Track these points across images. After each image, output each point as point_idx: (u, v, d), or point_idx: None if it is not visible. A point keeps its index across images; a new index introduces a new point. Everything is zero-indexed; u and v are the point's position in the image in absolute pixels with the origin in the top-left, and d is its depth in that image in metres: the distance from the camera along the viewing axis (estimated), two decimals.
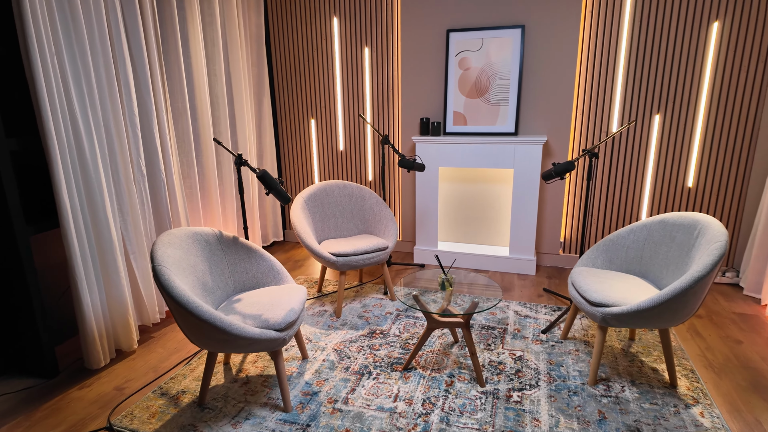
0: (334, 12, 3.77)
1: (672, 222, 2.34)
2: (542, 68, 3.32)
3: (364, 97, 3.87)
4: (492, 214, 3.72)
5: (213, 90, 3.25)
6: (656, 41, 3.12)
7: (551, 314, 2.85)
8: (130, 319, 2.51)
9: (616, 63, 3.23)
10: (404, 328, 2.71)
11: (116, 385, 2.26)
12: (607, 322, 2.06)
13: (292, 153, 4.26)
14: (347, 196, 3.27)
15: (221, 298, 2.23)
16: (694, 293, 1.89)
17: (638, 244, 2.45)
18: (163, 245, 1.94)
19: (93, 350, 2.34)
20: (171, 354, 2.54)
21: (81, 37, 2.19)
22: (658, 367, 2.30)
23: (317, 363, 2.38)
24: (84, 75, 2.23)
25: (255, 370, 2.33)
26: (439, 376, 2.24)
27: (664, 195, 3.34)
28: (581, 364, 2.33)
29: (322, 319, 2.85)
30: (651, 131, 3.26)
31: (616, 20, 3.16)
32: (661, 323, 2.01)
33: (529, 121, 3.45)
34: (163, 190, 2.71)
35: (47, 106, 2.03)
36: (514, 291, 3.22)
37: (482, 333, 2.64)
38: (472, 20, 3.41)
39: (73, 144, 2.19)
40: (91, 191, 2.28)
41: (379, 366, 2.34)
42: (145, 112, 2.59)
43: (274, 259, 2.42)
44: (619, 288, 2.18)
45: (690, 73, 3.10)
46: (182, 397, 2.14)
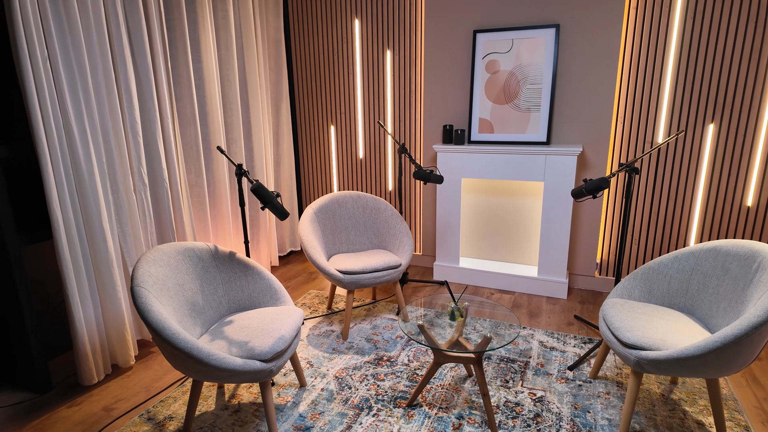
0: (355, 14, 3.59)
1: (726, 251, 2.00)
2: (579, 71, 3.02)
3: (385, 102, 3.68)
4: (519, 230, 3.42)
5: (226, 96, 3.14)
6: (711, 40, 2.76)
7: (581, 347, 2.55)
8: (127, 334, 2.41)
9: (664, 65, 2.88)
10: (414, 356, 2.48)
11: (105, 405, 2.15)
12: (643, 368, 1.77)
13: (310, 160, 4.11)
14: (361, 207, 3.07)
15: (213, 318, 2.09)
16: (750, 341, 1.57)
17: (684, 275, 2.13)
18: (146, 263, 1.81)
19: (86, 366, 2.25)
20: (167, 372, 2.42)
21: (77, 40, 2.10)
22: (704, 420, 1.97)
23: (315, 392, 2.19)
24: (80, 80, 2.14)
25: (249, 396, 2.17)
26: (446, 417, 2.00)
27: (718, 216, 2.95)
28: (612, 411, 2.03)
29: (328, 340, 2.67)
30: (704, 142, 2.89)
31: (664, 17, 2.82)
32: (709, 374, 1.70)
33: (562, 129, 3.14)
34: (167, 201, 2.61)
35: (38, 111, 1.95)
36: (541, 317, 2.93)
37: (501, 367, 2.38)
38: (501, 20, 3.15)
39: (66, 151, 2.11)
40: (86, 200, 2.19)
41: (381, 400, 2.12)
42: (148, 119, 2.49)
43: (273, 278, 2.25)
44: (659, 327, 1.87)
45: (752, 77, 2.72)
46: (168, 424, 2.00)
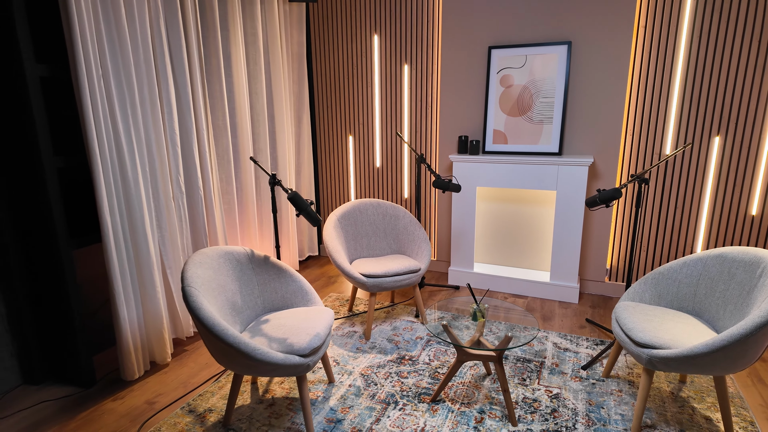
0: (375, 30, 3.77)
1: (732, 257, 2.14)
2: (590, 85, 3.17)
3: (402, 114, 3.84)
4: (532, 237, 3.56)
5: (254, 108, 3.31)
6: (717, 57, 2.90)
7: (593, 348, 2.68)
8: (164, 333, 2.56)
9: (671, 80, 3.03)
10: (434, 356, 2.62)
11: (147, 399, 2.30)
12: (654, 366, 1.90)
13: (329, 169, 4.27)
14: (381, 215, 3.23)
15: (250, 317, 2.24)
16: (755, 340, 1.70)
17: (692, 280, 2.26)
18: (194, 265, 1.97)
19: (128, 362, 2.40)
20: (202, 369, 2.57)
21: (127, 59, 2.28)
22: (712, 416, 2.09)
23: (343, 388, 2.33)
24: (128, 96, 2.31)
25: (281, 392, 2.31)
26: (468, 411, 2.14)
27: (724, 225, 3.08)
28: (624, 407, 2.16)
29: (351, 340, 2.81)
30: (710, 154, 3.03)
31: (672, 34, 2.97)
32: (717, 371, 1.83)
33: (574, 141, 3.29)
34: (201, 207, 2.77)
35: (93, 125, 2.12)
36: (554, 320, 3.06)
37: (517, 366, 2.51)
38: (515, 37, 3.31)
39: (116, 162, 2.27)
40: (131, 208, 2.35)
41: (406, 395, 2.26)
42: (185, 130, 2.66)
43: (304, 280, 2.40)
44: (670, 328, 2.00)
45: (756, 91, 2.86)
46: (209, 416, 2.14)
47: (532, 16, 3.23)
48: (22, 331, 2.37)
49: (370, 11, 3.75)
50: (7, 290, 2.30)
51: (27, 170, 2.15)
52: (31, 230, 2.25)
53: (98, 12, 2.14)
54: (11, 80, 2.04)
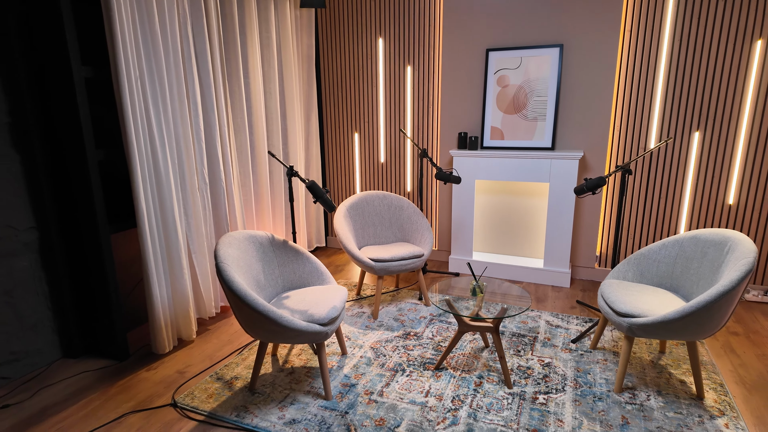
0: (379, 33, 4.02)
1: (704, 238, 2.39)
2: (580, 85, 3.42)
3: (405, 113, 4.09)
4: (527, 227, 3.81)
5: (268, 106, 3.55)
6: (696, 59, 3.16)
7: (582, 325, 2.92)
8: (190, 312, 2.80)
9: (655, 80, 3.28)
10: (437, 332, 2.87)
11: (178, 369, 2.54)
12: (634, 333, 2.14)
13: (336, 164, 4.52)
14: (386, 205, 3.47)
15: (271, 294, 2.48)
16: (719, 307, 1.95)
17: (670, 259, 2.51)
18: (224, 245, 2.21)
19: (159, 337, 2.64)
20: (224, 345, 2.81)
21: (159, 61, 2.52)
22: (686, 379, 2.34)
23: (355, 359, 2.57)
24: (160, 94, 2.55)
25: (299, 362, 2.56)
26: (468, 377, 2.38)
27: (704, 212, 3.33)
28: (608, 373, 2.41)
29: (360, 320, 3.05)
30: (690, 148, 3.29)
31: (655, 38, 3.23)
32: (688, 336, 2.07)
33: (566, 136, 3.54)
34: (223, 197, 3.01)
35: (131, 122, 2.36)
36: (548, 302, 3.31)
37: (513, 340, 2.76)
38: (511, 40, 3.56)
39: (150, 155, 2.52)
40: (162, 197, 2.59)
41: (412, 364, 2.50)
42: (209, 127, 2.90)
43: (319, 262, 2.64)
44: (648, 300, 2.25)
45: (731, 90, 3.12)
46: (235, 382, 2.38)
47: (526, 21, 3.48)
48: (63, 309, 2.61)
49: (375, 16, 4.00)
50: (50, 271, 2.54)
51: (72, 162, 2.39)
52: (74, 217, 2.49)
53: (136, 19, 2.38)
54: (61, 81, 2.29)
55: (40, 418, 2.14)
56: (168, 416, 2.15)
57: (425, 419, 2.06)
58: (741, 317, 3.04)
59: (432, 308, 3.22)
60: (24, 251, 2.41)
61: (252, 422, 2.07)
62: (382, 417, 2.08)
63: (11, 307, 2.37)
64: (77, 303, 2.65)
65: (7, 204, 2.32)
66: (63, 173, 2.45)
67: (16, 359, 2.42)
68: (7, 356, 2.38)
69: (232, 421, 2.09)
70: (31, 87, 2.34)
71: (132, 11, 2.36)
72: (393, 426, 2.02)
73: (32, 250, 2.45)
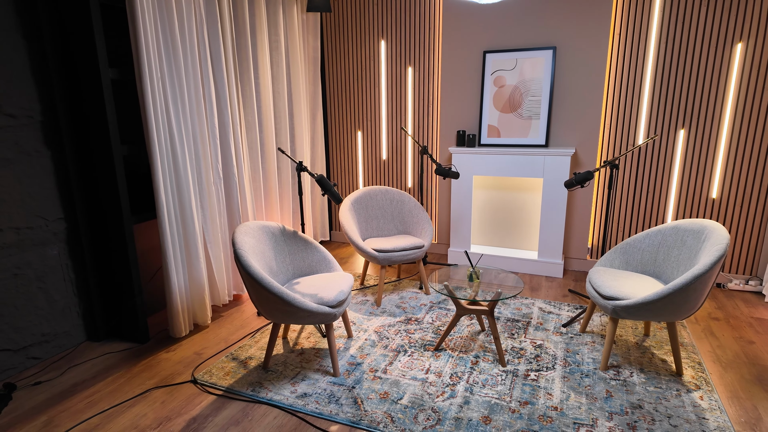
0: (382, 35, 4.20)
1: (684, 228, 2.58)
2: (572, 86, 3.61)
3: (406, 112, 4.27)
4: (522, 220, 4.00)
5: (277, 106, 3.74)
6: (681, 61, 3.35)
7: (573, 312, 3.11)
8: (205, 298, 2.99)
9: (642, 81, 3.47)
10: (436, 318, 3.06)
11: (195, 351, 2.73)
12: (618, 314, 2.33)
13: (340, 161, 4.71)
14: (389, 200, 3.66)
15: (283, 281, 2.67)
16: (694, 289, 2.14)
17: (653, 248, 2.70)
18: (241, 234, 2.40)
19: (177, 322, 2.82)
20: (237, 329, 2.99)
21: (179, 64, 2.71)
22: (667, 358, 2.53)
23: (360, 341, 2.76)
24: (179, 94, 2.74)
25: (308, 344, 2.74)
26: (465, 357, 2.57)
27: (689, 205, 3.52)
28: (595, 354, 2.60)
29: (365, 307, 3.24)
30: (676, 145, 3.48)
31: (642, 42, 3.41)
32: (667, 316, 2.26)
33: (559, 134, 3.73)
34: (236, 190, 3.20)
35: (153, 119, 2.54)
36: (541, 291, 3.50)
37: (507, 324, 2.95)
38: (507, 42, 3.75)
39: (169, 151, 2.70)
40: (181, 190, 2.78)
41: (413, 346, 2.69)
42: (223, 125, 3.09)
43: (326, 251, 2.83)
44: (631, 285, 2.44)
45: (714, 90, 3.31)
46: (249, 362, 2.57)
47: (521, 24, 3.67)
48: (88, 295, 2.79)
49: (377, 19, 4.18)
50: (77, 259, 2.72)
51: (99, 157, 2.57)
52: (99, 208, 2.68)
53: (158, 24, 2.57)
54: (90, 82, 2.47)
55: (71, 393, 2.33)
56: (189, 391, 2.34)
57: (426, 393, 2.25)
58: (722, 304, 3.23)
59: (432, 296, 3.41)
60: (54, 240, 2.60)
61: (267, 396, 2.26)
62: (386, 391, 2.27)
63: (44, 292, 2.56)
64: (101, 289, 2.84)
65: (38, 196, 2.51)
66: (89, 168, 2.64)
67: (46, 341, 2.61)
68: (39, 338, 2.57)
69: (248, 395, 2.28)
70: (62, 88, 2.53)
71: (154, 17, 2.55)
72: (396, 399, 2.21)
73: (61, 240, 2.63)
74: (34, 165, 2.47)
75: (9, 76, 2.33)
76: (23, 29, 2.37)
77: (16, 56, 2.35)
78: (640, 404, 2.15)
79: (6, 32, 2.30)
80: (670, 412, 2.10)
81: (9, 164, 2.36)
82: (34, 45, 2.42)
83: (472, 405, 2.16)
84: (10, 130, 2.36)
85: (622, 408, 2.12)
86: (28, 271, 2.49)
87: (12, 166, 2.38)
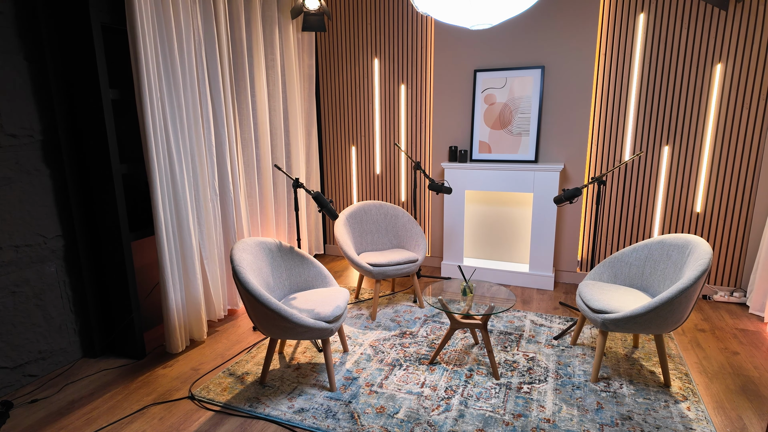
0: (375, 54, 4.30)
1: (669, 242, 2.67)
2: (560, 103, 3.72)
3: (399, 128, 4.36)
4: (513, 234, 4.08)
5: (273, 123, 3.80)
6: (664, 81, 3.47)
7: (564, 324, 3.18)
8: (202, 314, 3.01)
9: (627, 100, 3.59)
10: (431, 331, 3.11)
11: (192, 367, 2.75)
12: (607, 327, 2.40)
13: (334, 176, 4.77)
14: (383, 214, 3.72)
15: (280, 296, 2.71)
16: (680, 302, 2.22)
17: (640, 262, 2.78)
18: (239, 250, 2.44)
19: (173, 337, 2.84)
20: (233, 344, 3.02)
21: (177, 84, 2.76)
22: (655, 370, 2.60)
23: (356, 355, 2.80)
24: (177, 113, 2.79)
25: (304, 359, 2.78)
26: (460, 370, 2.62)
27: (674, 219, 3.63)
28: (586, 366, 2.66)
29: (360, 321, 3.28)
30: (661, 161, 3.59)
31: (627, 62, 3.54)
32: (654, 329, 2.34)
33: (548, 150, 3.83)
34: (231, 207, 3.24)
35: (152, 138, 2.59)
36: (533, 303, 3.56)
37: (500, 337, 3.00)
38: (497, 62, 3.86)
39: (168, 169, 2.75)
40: (179, 207, 2.82)
41: (408, 360, 2.74)
42: (220, 143, 3.14)
43: (322, 266, 2.88)
44: (619, 298, 2.52)
45: (696, 109, 3.43)
46: (246, 377, 2.60)
47: (511, 44, 3.79)
48: (85, 312, 2.81)
49: (371, 38, 4.28)
50: (74, 276, 2.74)
51: (98, 175, 2.61)
52: (97, 226, 2.71)
53: (157, 45, 2.63)
54: (91, 102, 2.52)
55: (69, 410, 2.34)
56: (186, 407, 2.36)
57: (421, 407, 2.30)
58: (708, 315, 3.32)
59: (426, 310, 3.46)
60: (52, 257, 2.62)
61: (264, 411, 2.29)
62: (382, 405, 2.31)
63: (41, 309, 2.58)
64: (98, 306, 2.85)
65: (37, 214, 2.54)
66: (89, 186, 2.67)
67: (43, 358, 2.62)
68: (36, 355, 2.58)
69: (246, 410, 2.30)
70: (63, 108, 2.57)
71: (154, 38, 2.61)
72: (392, 413, 2.25)
73: (59, 257, 2.65)
74: (33, 183, 2.51)
75: (11, 96, 2.37)
76: (25, 51, 2.42)
77: (18, 77, 2.40)
78: (629, 415, 2.21)
79: (8, 54, 2.35)
80: (659, 423, 2.16)
81: (9, 183, 2.40)
82: (35, 66, 2.47)
83: (467, 418, 2.20)
84: (11, 149, 2.39)
85: (612, 419, 2.18)
86: (25, 288, 2.50)
87: (12, 184, 2.41)
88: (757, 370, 2.61)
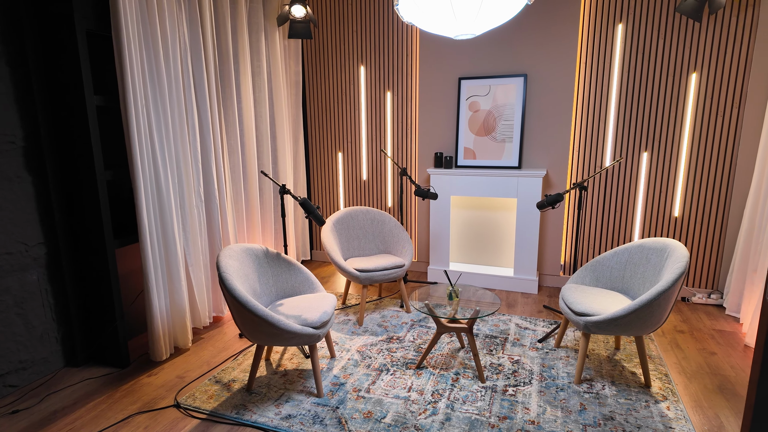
0: (361, 61, 4.34)
1: (648, 246, 2.74)
2: (543, 111, 3.80)
3: (385, 134, 4.40)
4: (498, 238, 4.14)
5: (259, 129, 3.81)
6: (642, 88, 3.57)
7: (548, 327, 3.23)
8: (187, 321, 2.99)
9: (607, 107, 3.68)
10: (418, 336, 3.13)
11: (177, 374, 2.73)
12: (589, 329, 2.45)
13: (321, 182, 4.78)
14: (370, 220, 3.74)
15: (267, 302, 2.70)
16: (658, 304, 2.28)
17: (620, 265, 2.85)
18: (225, 257, 2.44)
19: (158, 345, 2.82)
20: (219, 352, 3.00)
21: (163, 90, 2.76)
22: (636, 371, 2.66)
23: (343, 361, 2.81)
24: (163, 120, 2.79)
25: (291, 366, 2.77)
26: (446, 374, 2.65)
27: (654, 224, 3.72)
28: (570, 368, 2.71)
29: (347, 326, 3.29)
30: (640, 167, 3.68)
31: (607, 70, 3.63)
32: (635, 330, 2.39)
33: (531, 156, 3.90)
34: (217, 213, 3.23)
35: (137, 145, 2.58)
36: (517, 307, 3.61)
37: (486, 341, 3.04)
38: (481, 70, 3.93)
39: (153, 175, 2.73)
40: (164, 214, 2.81)
41: (395, 365, 2.76)
42: (206, 149, 3.14)
43: (309, 272, 2.89)
44: (601, 301, 2.57)
45: (673, 116, 3.54)
46: (233, 384, 2.59)
47: (494, 53, 3.86)
48: (67, 320, 2.77)
49: (357, 46, 4.32)
50: (57, 284, 2.70)
51: (82, 182, 2.59)
52: (81, 233, 2.68)
53: (142, 52, 2.63)
54: (75, 109, 2.50)
55: (51, 420, 2.30)
56: (172, 416, 2.34)
57: (408, 411, 2.31)
58: (687, 317, 3.41)
59: (413, 315, 3.48)
60: (33, 266, 2.58)
61: (251, 418, 2.28)
62: (369, 410, 2.32)
63: (22, 318, 2.53)
64: (81, 314, 2.81)
65: (19, 221, 2.50)
66: (71, 193, 2.65)
67: (24, 368, 2.57)
68: (17, 365, 2.53)
69: (233, 417, 2.29)
70: (47, 114, 2.55)
71: (139, 44, 2.61)
72: (380, 417, 2.26)
73: (41, 265, 2.62)
74: (15, 190, 2.47)
75: None
76: (8, 56, 2.40)
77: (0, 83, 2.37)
78: (611, 416, 2.26)
79: None
80: (640, 422, 2.21)
81: None
82: (18, 71, 2.44)
83: (453, 421, 2.23)
84: None
85: (595, 420, 2.23)
86: (6, 297, 2.46)
87: None
88: (733, 369, 2.69)
